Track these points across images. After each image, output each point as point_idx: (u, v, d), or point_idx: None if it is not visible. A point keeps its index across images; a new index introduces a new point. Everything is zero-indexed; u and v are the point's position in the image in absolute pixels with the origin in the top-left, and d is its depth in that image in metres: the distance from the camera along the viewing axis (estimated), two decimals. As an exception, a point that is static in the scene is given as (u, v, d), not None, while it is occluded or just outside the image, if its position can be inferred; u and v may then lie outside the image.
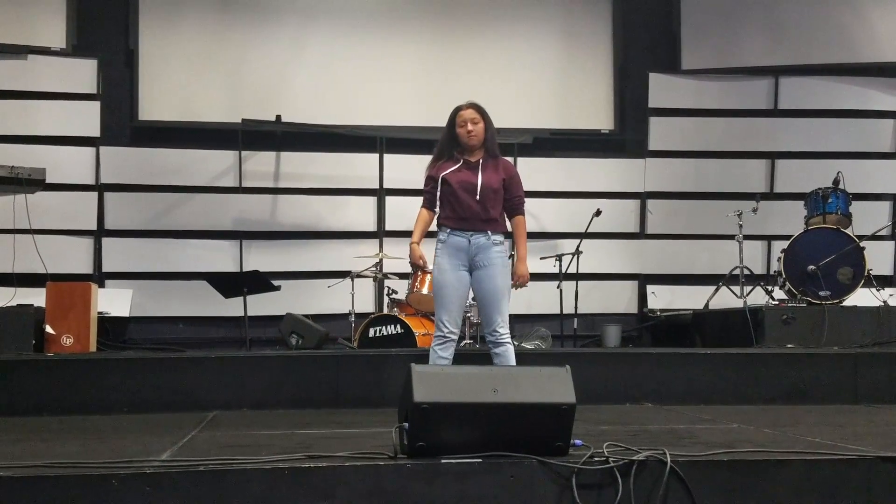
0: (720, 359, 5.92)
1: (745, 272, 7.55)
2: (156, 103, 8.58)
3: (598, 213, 7.87)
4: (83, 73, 8.35)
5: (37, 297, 6.50)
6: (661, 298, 8.82)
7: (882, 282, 7.72)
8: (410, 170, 7.79)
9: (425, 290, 6.76)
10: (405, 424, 3.14)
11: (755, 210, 7.52)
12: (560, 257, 7.88)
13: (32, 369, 5.36)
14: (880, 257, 8.67)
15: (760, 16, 9.04)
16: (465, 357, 5.10)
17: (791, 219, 7.98)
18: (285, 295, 7.53)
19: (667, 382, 5.73)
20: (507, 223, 4.78)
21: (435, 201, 4.70)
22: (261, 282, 7.31)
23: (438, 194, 4.67)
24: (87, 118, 8.34)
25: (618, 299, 8.96)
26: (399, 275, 7.70)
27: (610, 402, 5.51)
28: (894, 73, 9.10)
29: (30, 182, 6.41)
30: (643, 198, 9.08)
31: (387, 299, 7.43)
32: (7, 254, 7.04)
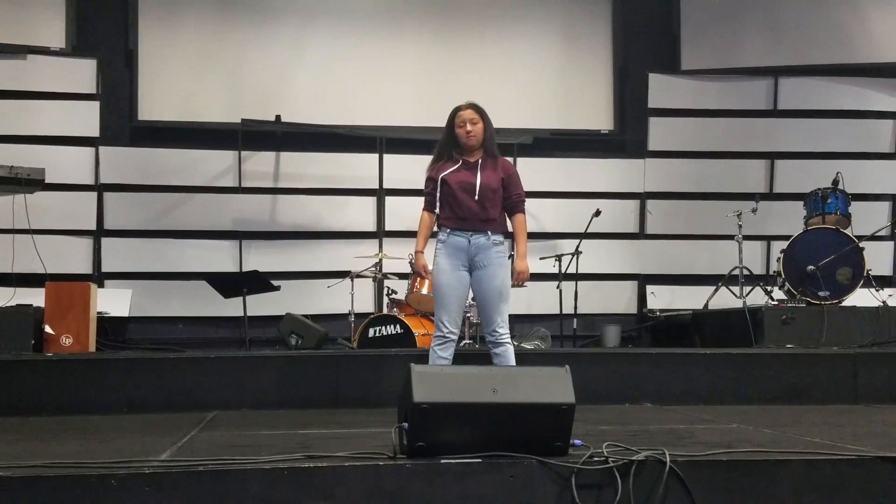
0: (720, 359, 5.92)
1: (745, 272, 7.54)
2: (155, 103, 8.58)
3: (598, 213, 7.87)
4: (83, 73, 8.35)
5: (36, 297, 6.49)
6: (661, 299, 8.82)
7: (881, 282, 7.73)
8: (410, 170, 7.80)
9: (425, 291, 6.76)
10: (405, 424, 3.14)
11: (755, 210, 7.52)
12: (560, 257, 7.88)
13: (32, 369, 5.36)
14: (879, 257, 8.67)
15: (760, 16, 9.05)
16: (464, 357, 5.10)
17: (790, 219, 7.98)
18: (285, 295, 7.53)
19: (666, 382, 5.74)
20: (508, 223, 4.77)
21: (435, 203, 4.69)
22: (260, 282, 7.30)
23: (438, 195, 4.67)
24: (86, 118, 8.34)
25: (617, 299, 8.96)
26: (399, 275, 7.70)
27: (609, 402, 5.51)
28: (893, 73, 9.10)
29: (29, 182, 6.40)
30: (643, 198, 9.08)
31: (386, 299, 7.43)
32: (6, 254, 7.04)
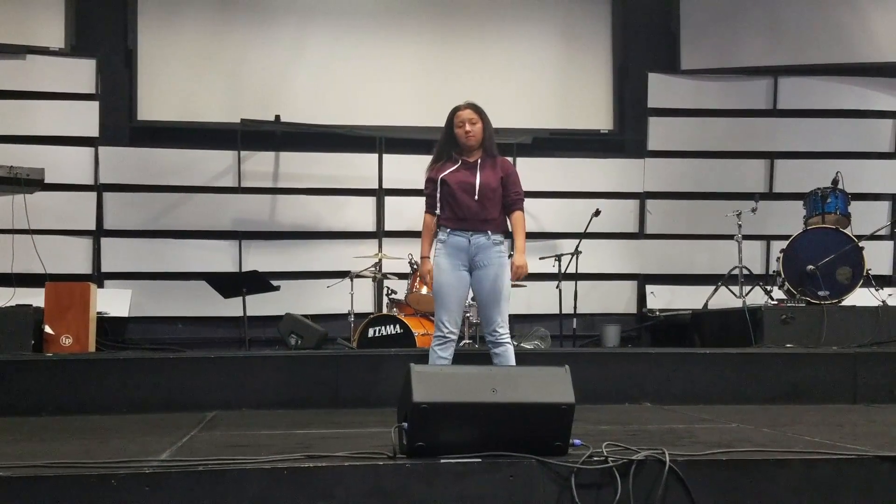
0: (719, 359, 5.92)
1: (745, 272, 7.54)
2: (155, 103, 8.57)
3: (598, 213, 7.87)
4: (82, 73, 8.35)
5: (36, 297, 6.49)
6: (661, 298, 8.82)
7: (881, 281, 7.73)
8: (410, 170, 7.80)
9: (424, 291, 6.76)
10: (404, 424, 3.14)
11: (754, 210, 7.52)
12: (559, 257, 7.88)
13: (31, 369, 5.36)
14: (879, 257, 8.67)
15: (760, 16, 9.04)
16: (464, 357, 5.10)
17: (790, 219, 7.97)
18: (284, 295, 7.53)
19: (666, 382, 5.74)
20: (508, 222, 4.76)
21: (436, 204, 4.67)
22: (260, 282, 7.30)
23: (438, 195, 4.66)
24: (85, 118, 8.34)
25: (617, 299, 8.96)
26: (398, 275, 7.70)
27: (609, 401, 5.51)
28: (893, 73, 9.10)
29: (28, 182, 6.40)
30: (642, 198, 9.08)
31: (386, 299, 7.42)
32: (6, 254, 7.05)
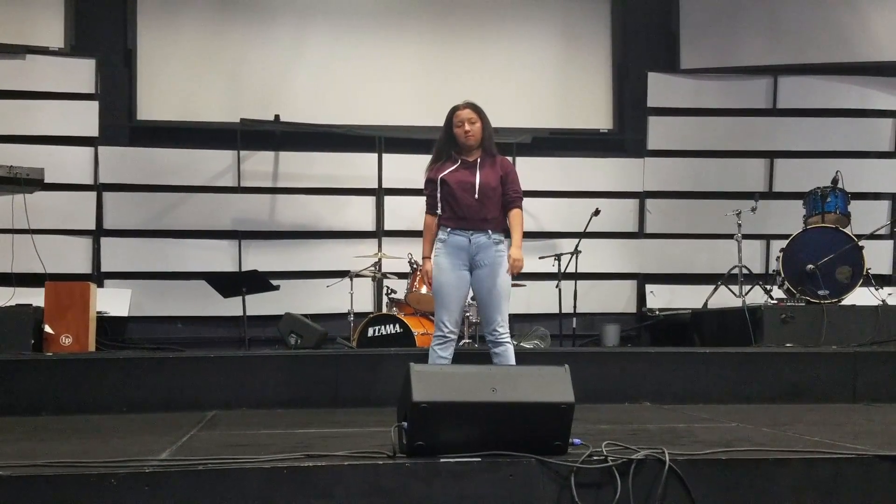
0: (719, 358, 5.92)
1: (744, 271, 7.54)
2: (154, 103, 8.57)
3: (597, 212, 7.87)
4: (81, 72, 8.35)
5: (35, 296, 6.49)
6: (660, 298, 8.81)
7: (881, 281, 7.73)
8: (409, 169, 7.79)
9: (424, 290, 6.75)
10: (404, 424, 3.14)
11: (754, 209, 7.52)
12: (559, 257, 7.88)
13: (31, 369, 5.36)
14: (879, 256, 8.66)
15: (759, 15, 9.04)
16: (464, 356, 5.10)
17: (790, 218, 7.97)
18: (284, 294, 7.53)
19: (665, 382, 5.74)
20: (507, 221, 4.75)
21: (437, 205, 4.67)
22: (259, 281, 7.30)
23: (438, 195, 4.66)
24: (85, 118, 8.34)
25: (616, 299, 8.96)
26: (398, 274, 7.70)
27: (609, 401, 5.51)
28: (893, 72, 9.10)
29: (28, 182, 6.40)
30: (642, 197, 9.08)
31: (386, 299, 7.42)
32: (6, 253, 7.05)
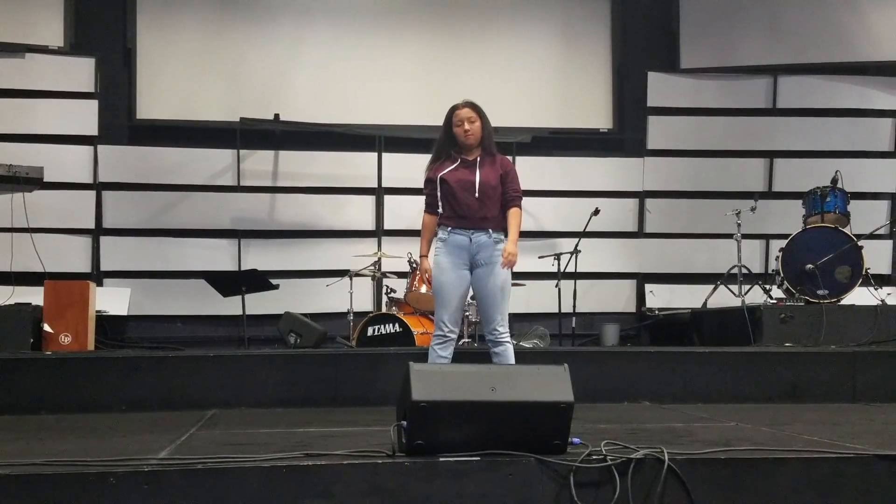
0: (718, 357, 5.92)
1: (744, 271, 7.54)
2: (154, 102, 8.57)
3: (597, 211, 7.87)
4: (81, 71, 8.34)
5: (35, 295, 6.49)
6: (660, 297, 8.82)
7: (880, 280, 7.74)
8: (409, 169, 7.79)
9: (424, 289, 6.75)
10: (403, 423, 3.14)
11: (753, 209, 7.51)
12: (558, 256, 7.89)
13: (31, 368, 5.35)
14: (878, 256, 8.67)
15: (759, 15, 9.04)
16: (463, 356, 5.09)
17: (789, 218, 7.97)
18: (284, 294, 7.53)
19: (665, 381, 5.74)
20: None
21: (437, 204, 4.66)
22: (259, 280, 7.30)
23: (438, 194, 4.66)
24: (84, 117, 8.34)
25: (616, 298, 8.96)
26: (398, 274, 7.70)
27: (608, 400, 5.51)
28: (893, 72, 9.10)
29: (28, 181, 6.40)
30: (642, 197, 9.08)
31: (385, 298, 7.42)
32: (5, 252, 7.05)
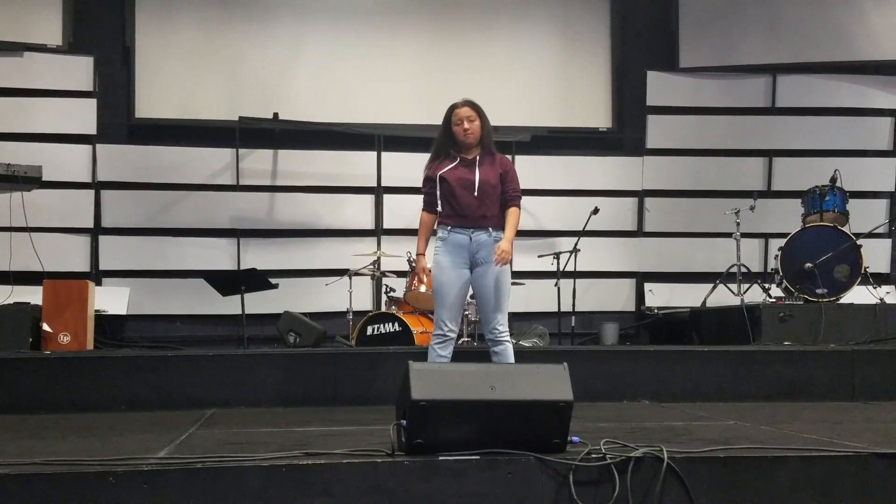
0: (717, 356, 5.92)
1: (743, 270, 7.55)
2: (153, 101, 8.56)
3: (596, 210, 7.87)
4: (80, 70, 8.34)
5: (33, 294, 6.48)
6: (659, 296, 8.82)
7: (879, 279, 7.75)
8: (408, 168, 7.77)
9: (423, 289, 6.75)
10: (403, 422, 3.14)
11: (752, 208, 7.52)
12: (558, 255, 7.89)
13: (29, 367, 5.35)
14: (877, 255, 8.67)
15: (758, 14, 9.04)
16: (463, 355, 5.10)
17: (788, 217, 7.98)
18: (283, 293, 7.53)
19: (664, 380, 5.74)
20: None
21: (435, 202, 4.67)
22: (258, 280, 7.30)
23: (438, 193, 4.66)
24: (83, 116, 8.33)
25: (615, 297, 8.96)
26: (397, 273, 7.70)
27: (607, 399, 5.52)
28: (892, 71, 9.11)
29: (26, 180, 6.39)
30: (641, 196, 9.08)
31: (385, 297, 7.42)
32: (4, 252, 7.05)
